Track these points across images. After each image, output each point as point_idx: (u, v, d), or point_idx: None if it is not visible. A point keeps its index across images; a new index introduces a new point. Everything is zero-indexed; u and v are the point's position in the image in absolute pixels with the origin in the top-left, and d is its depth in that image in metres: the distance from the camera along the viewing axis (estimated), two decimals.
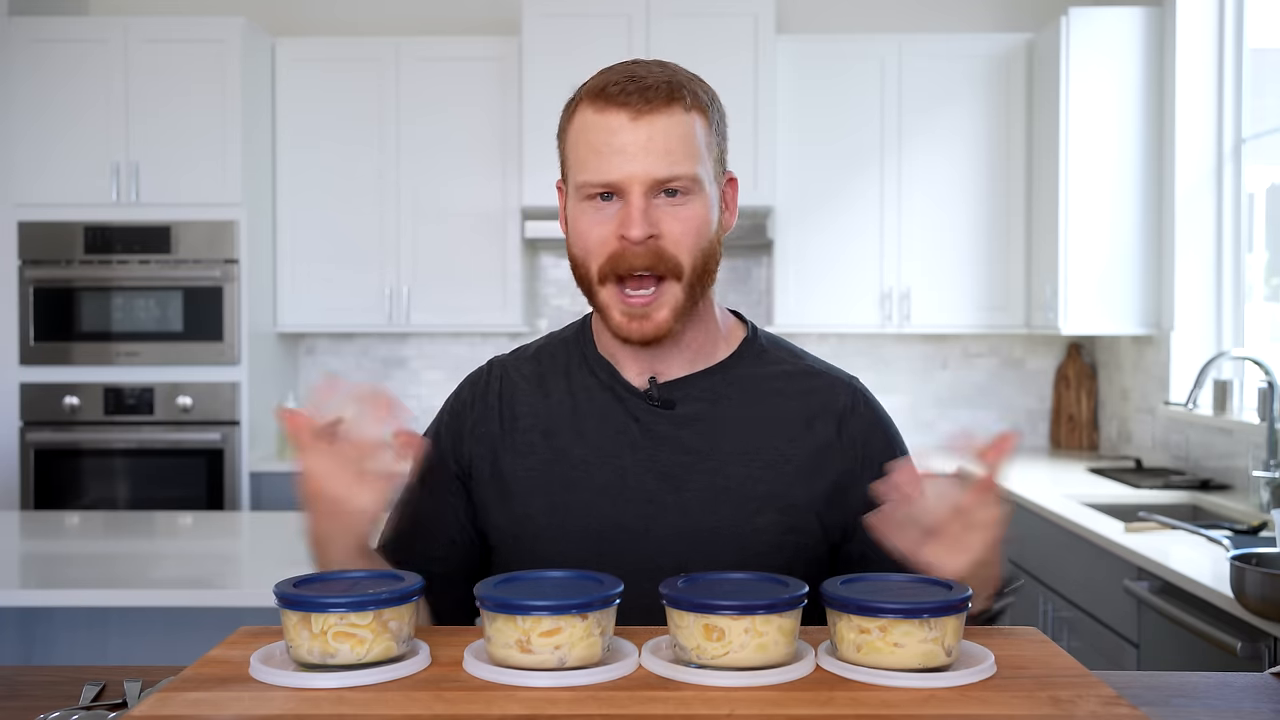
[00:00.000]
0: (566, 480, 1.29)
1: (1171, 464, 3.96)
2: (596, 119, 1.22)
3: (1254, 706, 1.16)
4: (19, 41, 4.26)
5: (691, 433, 1.29)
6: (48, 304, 4.26)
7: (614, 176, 1.21)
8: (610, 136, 1.21)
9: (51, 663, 2.66)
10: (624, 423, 1.30)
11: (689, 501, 1.27)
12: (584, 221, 1.24)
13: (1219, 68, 3.88)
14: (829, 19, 4.75)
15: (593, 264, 1.24)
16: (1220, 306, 3.90)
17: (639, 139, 1.20)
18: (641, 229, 1.20)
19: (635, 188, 1.21)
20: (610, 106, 1.21)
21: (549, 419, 1.32)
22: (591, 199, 1.23)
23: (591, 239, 1.24)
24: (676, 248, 1.22)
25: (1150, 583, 2.66)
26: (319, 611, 0.96)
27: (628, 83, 1.21)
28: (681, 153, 1.21)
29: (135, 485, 4.29)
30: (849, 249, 4.47)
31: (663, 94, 1.21)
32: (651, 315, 1.24)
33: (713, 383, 1.31)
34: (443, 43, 4.51)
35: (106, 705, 1.19)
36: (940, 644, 0.96)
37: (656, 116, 1.20)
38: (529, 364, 1.38)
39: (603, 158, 1.21)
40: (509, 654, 0.96)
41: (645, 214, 1.21)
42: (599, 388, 1.32)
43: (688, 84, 1.24)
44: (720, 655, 0.95)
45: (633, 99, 1.20)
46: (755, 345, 1.36)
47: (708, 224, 1.25)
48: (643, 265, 1.22)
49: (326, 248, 4.51)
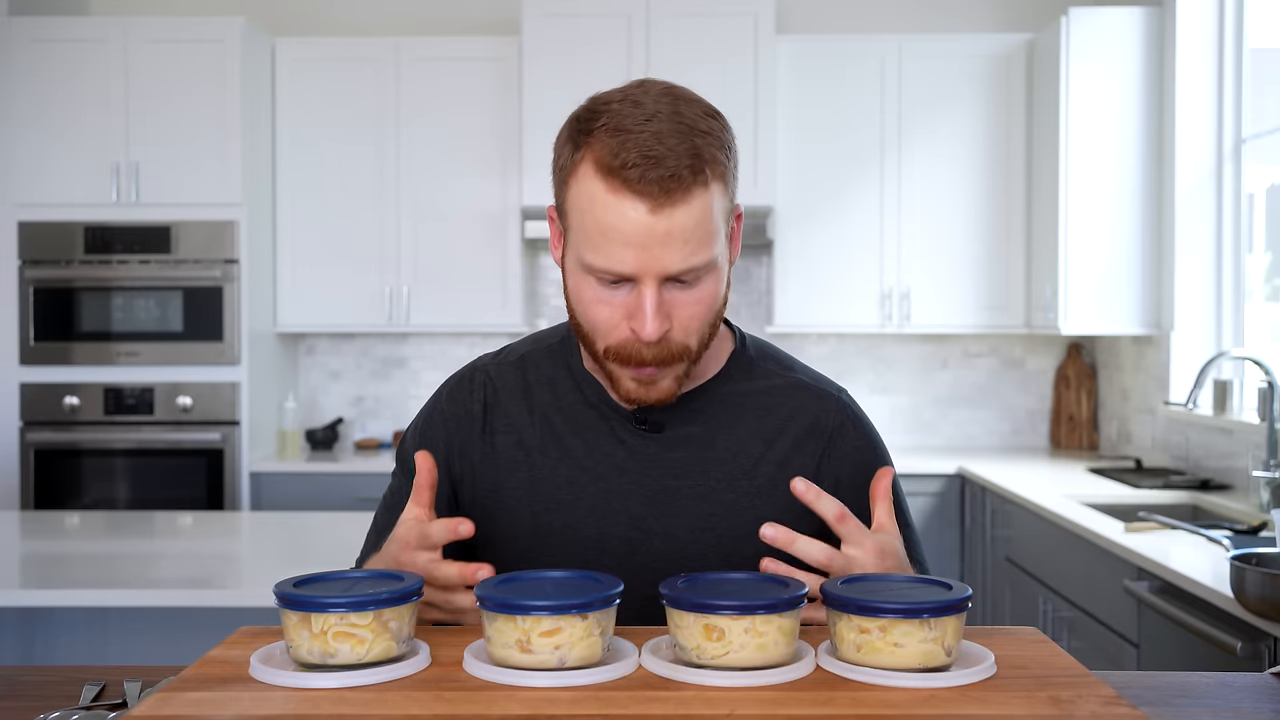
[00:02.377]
0: (551, 500, 1.26)
1: (1171, 464, 3.96)
2: (609, 198, 1.12)
3: (1254, 706, 1.16)
4: (19, 41, 4.26)
5: (680, 455, 1.27)
6: (48, 304, 4.26)
7: (628, 270, 1.13)
8: (623, 225, 1.11)
9: (51, 663, 2.66)
10: (610, 444, 1.27)
11: (676, 527, 1.25)
12: (589, 296, 1.18)
13: (1219, 68, 3.88)
14: (829, 19, 4.75)
15: (599, 341, 1.19)
16: (1220, 306, 3.90)
17: (657, 233, 1.11)
18: (656, 328, 1.14)
19: (650, 280, 1.13)
20: (626, 191, 1.11)
21: (534, 435, 1.29)
22: (599, 281, 1.16)
23: (599, 320, 1.18)
24: (685, 335, 1.18)
25: (1150, 583, 2.66)
26: (319, 611, 0.96)
27: (647, 166, 1.10)
28: (699, 241, 1.13)
29: (135, 485, 4.29)
30: (849, 249, 4.47)
31: (685, 181, 1.11)
32: (659, 384, 1.20)
33: (701, 402, 1.29)
34: (443, 43, 4.51)
35: (106, 705, 1.19)
36: (940, 644, 0.96)
37: (677, 208, 1.11)
38: (513, 372, 1.34)
39: (615, 246, 1.12)
40: (509, 654, 0.96)
41: (659, 309, 1.14)
42: (584, 405, 1.29)
43: (706, 148, 1.13)
44: (720, 655, 0.95)
45: (652, 189, 1.10)
46: (743, 359, 1.33)
47: (718, 296, 1.19)
48: (652, 360, 1.17)
49: (326, 248, 4.51)
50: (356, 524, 3.09)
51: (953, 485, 4.22)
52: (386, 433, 4.85)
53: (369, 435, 4.85)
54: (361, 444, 4.69)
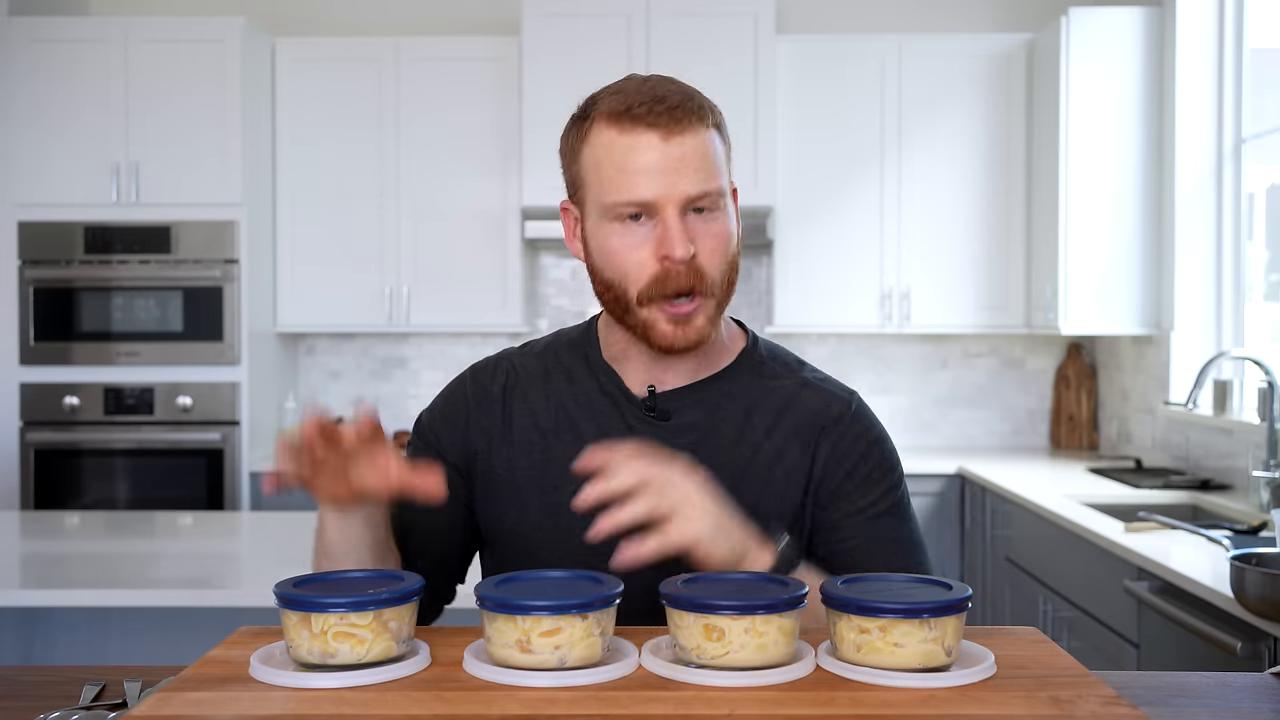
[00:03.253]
0: (560, 480, 1.29)
1: (1171, 464, 3.96)
2: (623, 139, 1.21)
3: (1254, 706, 1.16)
4: (19, 41, 4.26)
5: (686, 442, 1.29)
6: (48, 304, 4.26)
7: (648, 195, 1.20)
8: (639, 156, 1.20)
9: (51, 663, 2.66)
10: (620, 430, 1.30)
11: None
12: (616, 243, 1.24)
13: (1219, 68, 3.88)
14: (829, 19, 4.75)
15: (632, 287, 1.24)
16: (1220, 306, 3.90)
17: (671, 158, 1.20)
18: (685, 248, 1.20)
19: (670, 208, 1.21)
20: (638, 126, 1.20)
21: (548, 419, 1.33)
22: (620, 220, 1.23)
23: (630, 262, 1.23)
24: (710, 264, 1.23)
25: (1150, 583, 2.66)
26: (319, 611, 0.96)
27: (654, 103, 1.21)
28: (710, 169, 1.22)
29: (135, 485, 4.29)
30: (849, 249, 4.47)
31: (690, 113, 1.21)
32: (693, 321, 1.24)
33: (710, 393, 1.32)
34: (443, 43, 4.51)
35: (106, 705, 1.19)
36: (940, 644, 0.96)
37: (686, 135, 1.21)
38: (535, 361, 1.38)
39: (633, 178, 1.20)
40: (509, 654, 0.96)
41: (684, 232, 1.21)
42: (599, 392, 1.33)
43: (703, 99, 1.25)
44: (720, 655, 0.95)
45: (662, 119, 1.20)
46: (754, 356, 1.36)
47: (732, 237, 1.26)
48: (686, 285, 1.22)
49: (326, 248, 4.51)
50: None
51: (953, 485, 4.22)
52: (387, 432, 4.82)
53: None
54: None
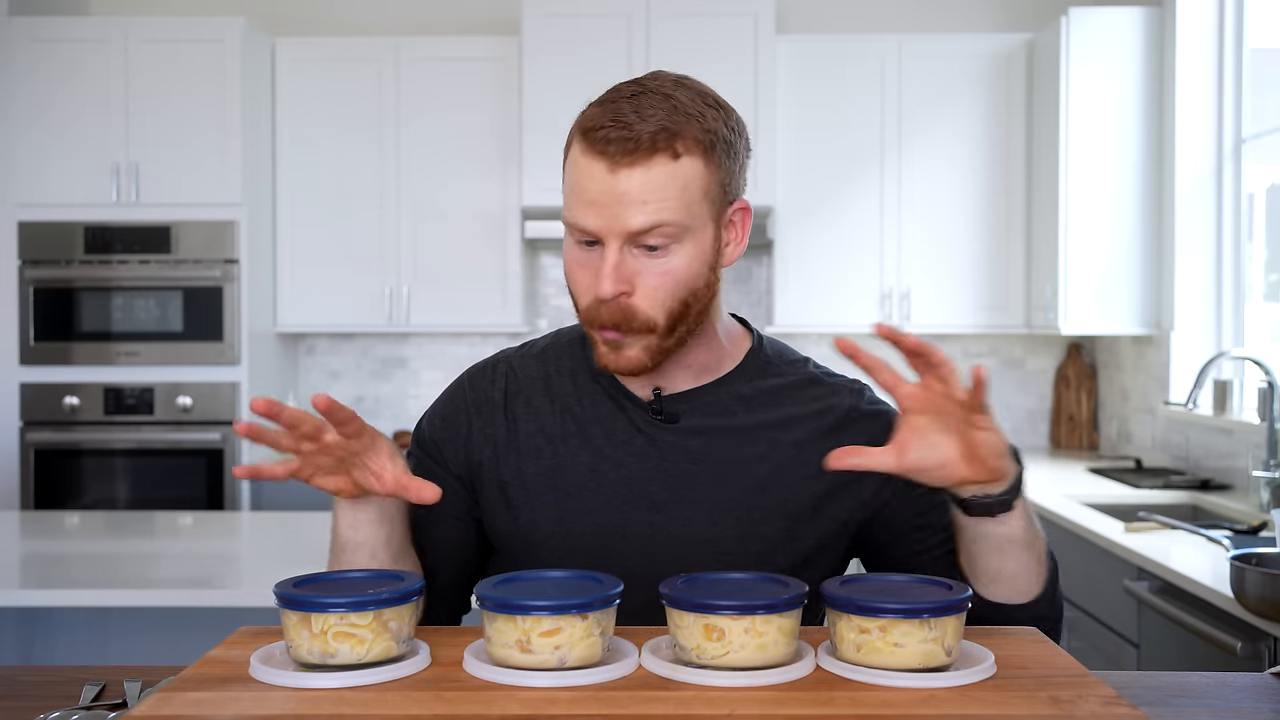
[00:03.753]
0: (572, 486, 1.27)
1: (1171, 464, 3.96)
2: (582, 161, 1.18)
3: (1254, 706, 1.16)
4: (19, 41, 4.26)
5: (698, 443, 1.28)
6: (48, 304, 4.26)
7: (588, 225, 1.17)
8: (588, 183, 1.17)
9: (51, 663, 2.66)
10: (629, 432, 1.29)
11: (694, 510, 1.26)
12: (571, 261, 1.23)
13: (1219, 68, 3.88)
14: (829, 19, 4.75)
15: (580, 304, 1.24)
16: (1220, 306, 3.90)
17: (615, 192, 1.15)
18: (611, 287, 1.17)
19: (610, 241, 1.17)
20: (592, 152, 1.16)
21: (554, 423, 1.31)
22: (577, 242, 1.21)
23: (578, 283, 1.23)
24: (650, 304, 1.19)
25: (1150, 583, 2.66)
26: (319, 611, 0.96)
27: (613, 127, 1.15)
28: (661, 204, 1.15)
29: (135, 485, 4.29)
30: (849, 249, 4.47)
31: (645, 145, 1.14)
32: (624, 351, 1.22)
33: (717, 396, 1.30)
34: (443, 43, 4.51)
35: (106, 705, 1.19)
36: (940, 644, 0.96)
37: (635, 170, 1.15)
38: (535, 363, 1.36)
39: (581, 203, 1.18)
40: (509, 654, 0.96)
41: (618, 269, 1.17)
42: (603, 395, 1.31)
43: (684, 126, 1.16)
44: (720, 655, 0.95)
45: (611, 148, 1.15)
46: (760, 356, 1.35)
47: (690, 272, 1.19)
48: (610, 323, 1.20)
49: (326, 248, 4.51)
50: None
51: None
52: (387, 432, 4.83)
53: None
54: None
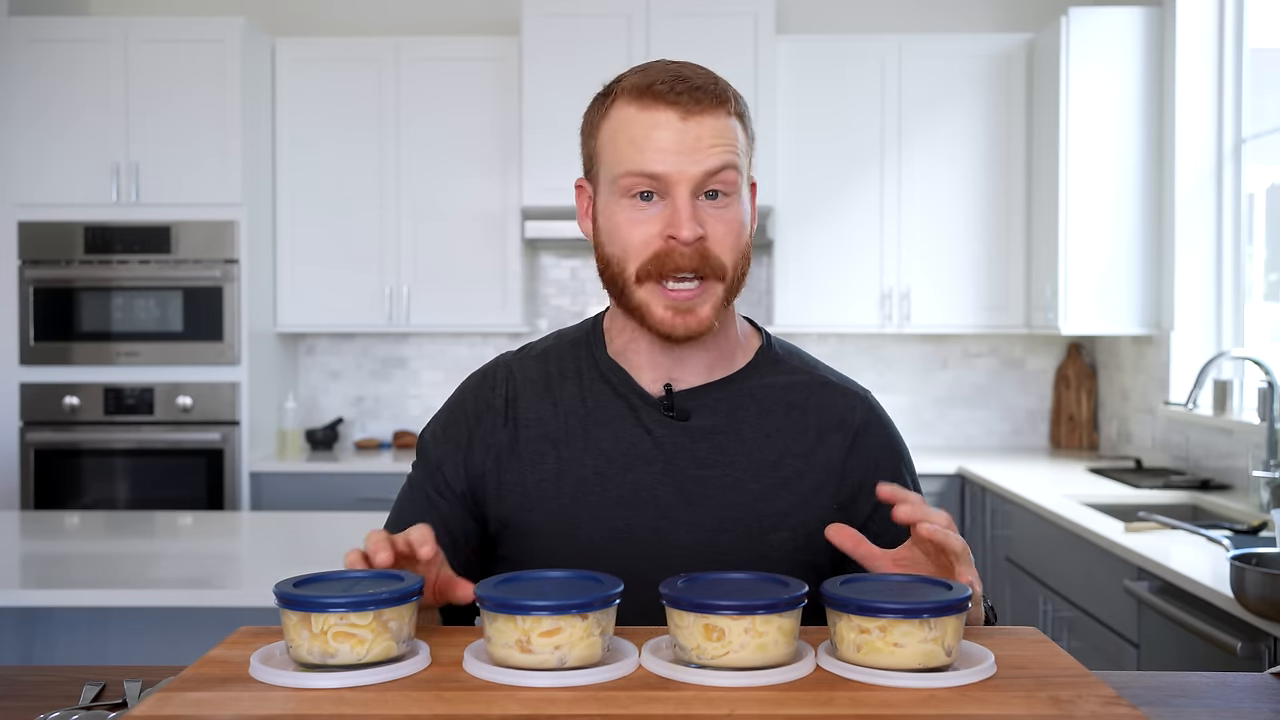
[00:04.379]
0: (577, 492, 1.26)
1: (1171, 464, 3.96)
2: (641, 115, 1.19)
3: (1254, 706, 1.16)
4: (19, 41, 4.26)
5: (707, 446, 1.26)
6: (48, 304, 4.26)
7: (660, 169, 1.18)
8: (656, 131, 1.18)
9: (51, 663, 2.66)
10: (637, 434, 1.27)
11: (702, 517, 1.24)
12: (623, 219, 1.21)
13: (1219, 68, 3.88)
14: (829, 19, 4.75)
15: (631, 264, 1.22)
16: (1220, 306, 3.90)
17: (688, 137, 1.18)
18: (692, 229, 1.18)
19: (682, 187, 1.18)
20: (659, 104, 1.18)
21: (558, 427, 1.29)
22: (630, 197, 1.20)
23: (634, 238, 1.21)
24: (721, 249, 1.20)
25: (1150, 583, 2.66)
26: (319, 611, 0.96)
27: (676, 81, 1.19)
28: (728, 149, 1.20)
29: (135, 485, 4.29)
30: (849, 249, 4.47)
31: (711, 95, 1.19)
32: (696, 310, 1.21)
33: (728, 393, 1.29)
34: (443, 43, 4.51)
35: (106, 705, 1.19)
36: (940, 644, 0.96)
37: (705, 116, 1.19)
38: (536, 365, 1.34)
39: (647, 152, 1.18)
40: (509, 654, 0.96)
41: (694, 214, 1.18)
42: (611, 395, 1.29)
43: (730, 89, 1.23)
44: (720, 655, 0.95)
45: (683, 98, 1.18)
46: (771, 354, 1.34)
47: (745, 225, 1.23)
48: (690, 267, 1.20)
49: (326, 248, 4.51)
50: (357, 524, 3.09)
51: (953, 485, 4.22)
52: (386, 433, 4.85)
53: (369, 435, 4.85)
54: (361, 444, 4.69)
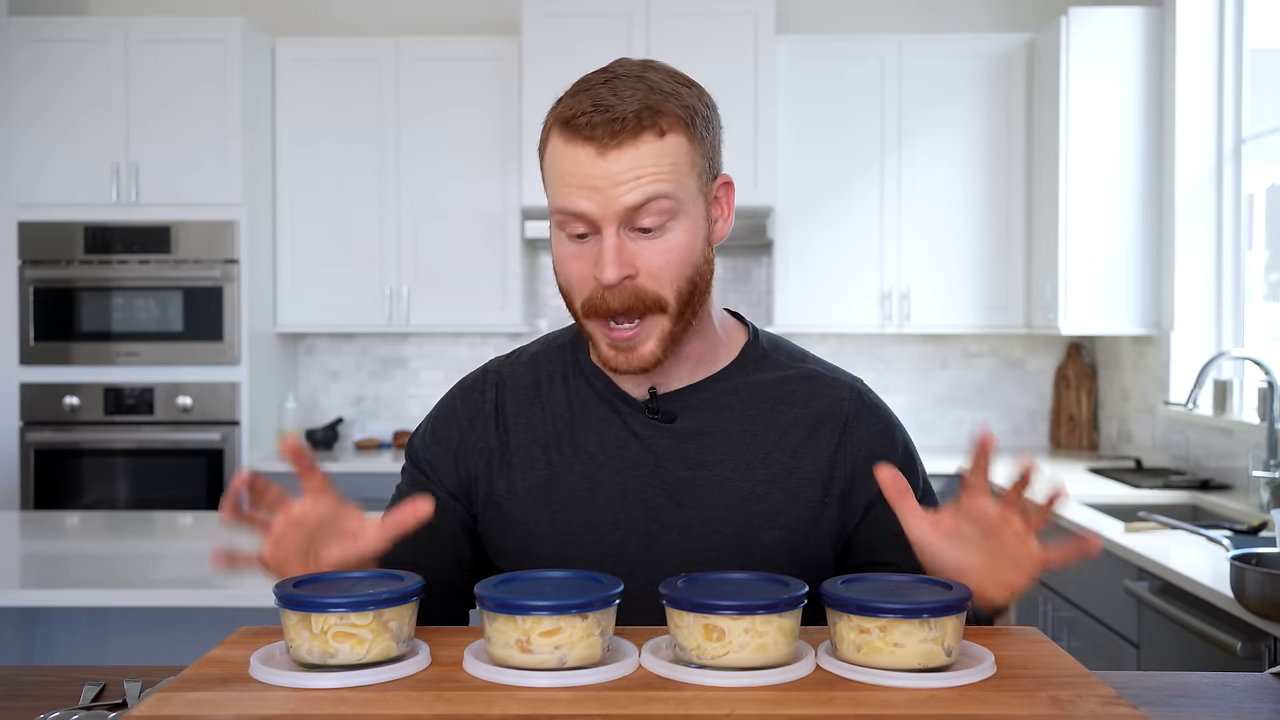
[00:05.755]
0: (566, 498, 1.25)
1: (1171, 464, 3.96)
2: (565, 149, 1.16)
3: (1254, 706, 1.16)
4: (19, 41, 4.26)
5: (695, 446, 1.25)
6: (48, 304, 4.26)
7: (582, 208, 1.15)
8: (577, 169, 1.15)
9: (51, 663, 2.66)
10: (623, 437, 1.26)
11: (692, 518, 1.23)
12: (563, 254, 1.20)
13: (1219, 68, 3.88)
14: (829, 19, 4.75)
15: (575, 299, 1.21)
16: (1220, 306, 3.90)
17: (608, 174, 1.14)
18: (615, 271, 1.15)
19: (608, 225, 1.15)
20: (577, 139, 1.15)
21: (546, 432, 1.28)
22: (569, 235, 1.18)
23: (572, 274, 1.20)
24: (657, 283, 1.17)
25: (1150, 583, 2.66)
26: (319, 611, 0.96)
27: (594, 113, 1.14)
28: (653, 179, 1.14)
29: (135, 485, 4.29)
30: (849, 249, 4.47)
31: (631, 124, 1.14)
32: (638, 348, 1.19)
33: (714, 392, 1.27)
34: (443, 43, 4.51)
35: (106, 705, 1.19)
36: (940, 644, 0.96)
37: (624, 150, 1.14)
38: (525, 370, 1.33)
39: (571, 190, 1.16)
40: (509, 654, 0.96)
41: (619, 254, 1.15)
42: (596, 399, 1.28)
43: (663, 104, 1.16)
44: (720, 655, 0.95)
45: (598, 132, 1.14)
46: (756, 350, 1.32)
47: (691, 249, 1.18)
48: (621, 308, 1.17)
49: (326, 248, 4.51)
50: None
51: (953, 485, 4.22)
52: (386, 433, 4.84)
53: (369, 435, 4.85)
54: (361, 444, 4.69)
